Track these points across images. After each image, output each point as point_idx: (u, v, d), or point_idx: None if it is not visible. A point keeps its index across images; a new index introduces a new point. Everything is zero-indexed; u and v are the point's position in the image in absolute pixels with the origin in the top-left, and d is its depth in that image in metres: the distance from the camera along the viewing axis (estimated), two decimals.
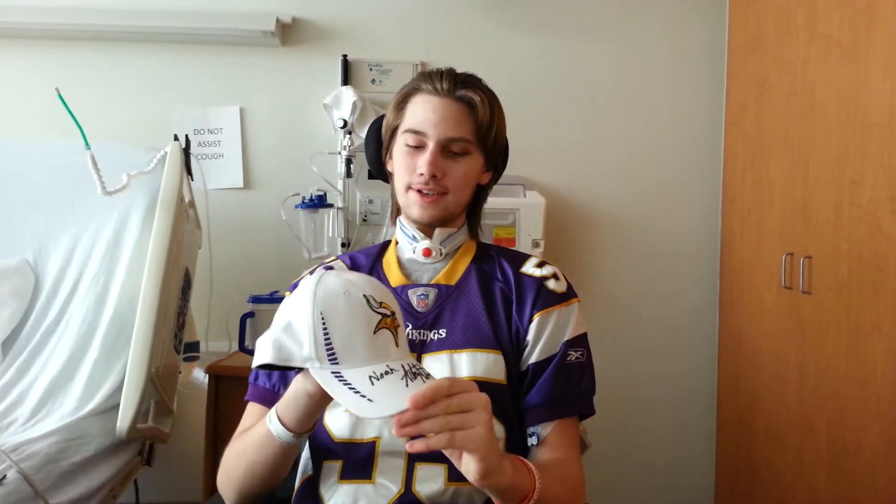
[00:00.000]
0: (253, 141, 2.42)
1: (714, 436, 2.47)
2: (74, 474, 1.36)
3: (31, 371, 1.61)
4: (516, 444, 1.04)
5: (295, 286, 0.82)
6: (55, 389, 1.56)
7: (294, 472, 1.09)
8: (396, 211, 1.18)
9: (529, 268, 1.12)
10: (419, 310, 1.09)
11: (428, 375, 0.81)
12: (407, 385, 0.78)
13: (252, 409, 1.11)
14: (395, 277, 1.13)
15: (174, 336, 1.74)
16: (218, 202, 2.26)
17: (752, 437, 2.19)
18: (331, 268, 0.82)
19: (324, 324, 0.79)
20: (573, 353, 1.06)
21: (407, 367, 0.80)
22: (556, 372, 1.04)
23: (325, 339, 0.78)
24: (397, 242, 1.17)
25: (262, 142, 2.42)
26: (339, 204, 2.34)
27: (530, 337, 1.05)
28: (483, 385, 1.00)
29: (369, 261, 1.19)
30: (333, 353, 0.79)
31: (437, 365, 1.03)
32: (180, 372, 2.07)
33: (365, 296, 0.81)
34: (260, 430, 0.95)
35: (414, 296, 1.11)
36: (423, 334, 1.06)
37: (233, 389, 1.88)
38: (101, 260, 1.78)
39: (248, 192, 2.42)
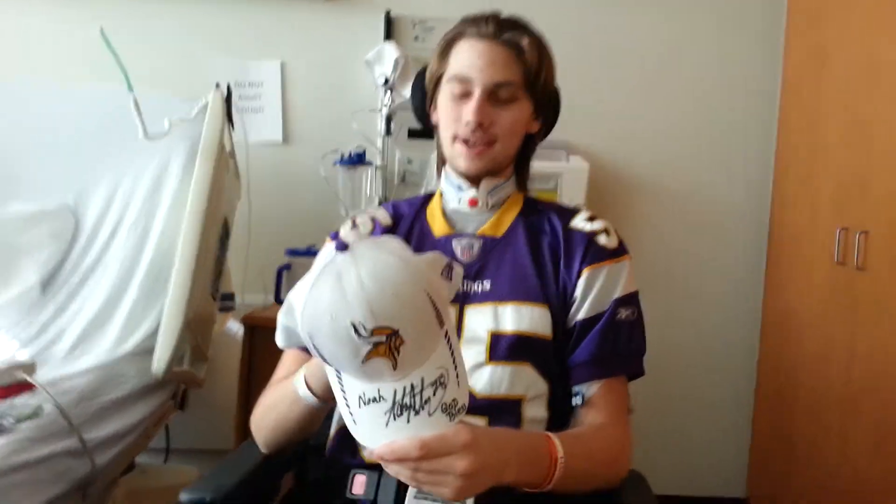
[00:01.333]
0: (293, 96, 2.39)
1: (751, 411, 2.42)
2: (109, 412, 1.36)
3: (69, 310, 1.62)
4: (559, 404, 1.01)
5: (335, 235, 0.77)
6: (93, 329, 1.56)
7: (329, 419, 1.07)
8: (441, 162, 1.14)
9: (579, 222, 1.08)
10: (463, 260, 1.05)
11: (421, 407, 0.73)
12: (387, 423, 0.73)
13: (288, 356, 1.09)
14: (438, 227, 1.10)
15: (211, 284, 1.73)
16: (257, 156, 2.23)
17: (791, 414, 2.13)
18: (345, 246, 0.73)
19: (312, 341, 0.72)
20: (623, 311, 1.01)
21: (399, 397, 0.72)
22: (604, 330, 1.00)
23: (316, 351, 0.73)
24: (442, 194, 1.13)
25: (303, 97, 2.39)
26: (378, 162, 2.30)
27: (578, 293, 1.01)
28: (528, 340, 0.98)
29: (413, 210, 1.15)
30: (326, 362, 0.75)
31: (480, 317, 1.00)
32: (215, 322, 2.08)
33: (353, 323, 0.68)
34: (289, 388, 0.94)
35: (458, 245, 1.07)
36: (467, 285, 1.02)
37: (267, 341, 1.79)
38: (141, 205, 1.77)
39: (288, 147, 2.40)
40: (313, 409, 0.94)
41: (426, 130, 1.17)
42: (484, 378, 0.95)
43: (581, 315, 1.01)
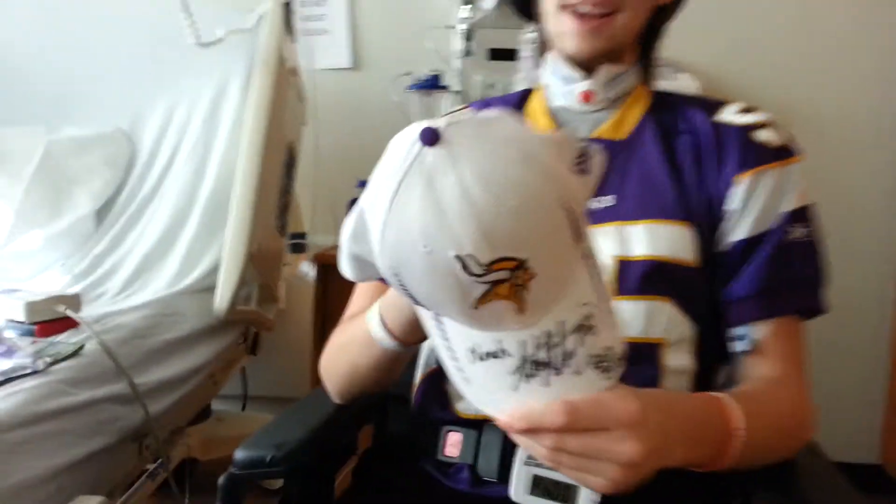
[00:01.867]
0: (361, 15, 2.16)
1: (887, 364, 2.15)
2: (165, 354, 1.21)
3: (125, 242, 1.49)
4: (708, 352, 0.79)
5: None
6: (150, 262, 1.42)
7: (414, 363, 0.89)
8: (543, 47, 0.91)
9: (730, 115, 0.83)
10: None
11: (564, 363, 0.52)
12: (516, 387, 0.53)
13: (362, 289, 0.90)
14: (542, 129, 0.87)
15: (277, 217, 1.57)
16: (323, 82, 2.04)
17: None
18: (436, 136, 0.50)
19: (398, 278, 0.53)
20: (796, 228, 0.78)
21: (530, 351, 0.52)
22: (772, 253, 0.77)
23: (404, 291, 0.54)
24: (545, 87, 0.90)
25: (371, 15, 2.16)
26: (456, 87, 2.07)
27: (734, 205, 0.78)
28: (666, 267, 0.75)
29: (509, 109, 0.93)
30: (419, 305, 0.56)
31: (603, 241, 0.78)
32: (286, 264, 1.96)
33: (459, 257, 0.48)
34: (361, 327, 0.76)
35: None
36: None
37: (341, 280, 1.70)
38: (200, 130, 1.62)
39: (356, 73, 2.19)
40: (393, 354, 0.75)
41: (510, 51, 0.93)
42: None
43: (739, 234, 0.78)
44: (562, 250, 0.53)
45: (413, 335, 0.72)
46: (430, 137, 0.50)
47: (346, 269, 0.60)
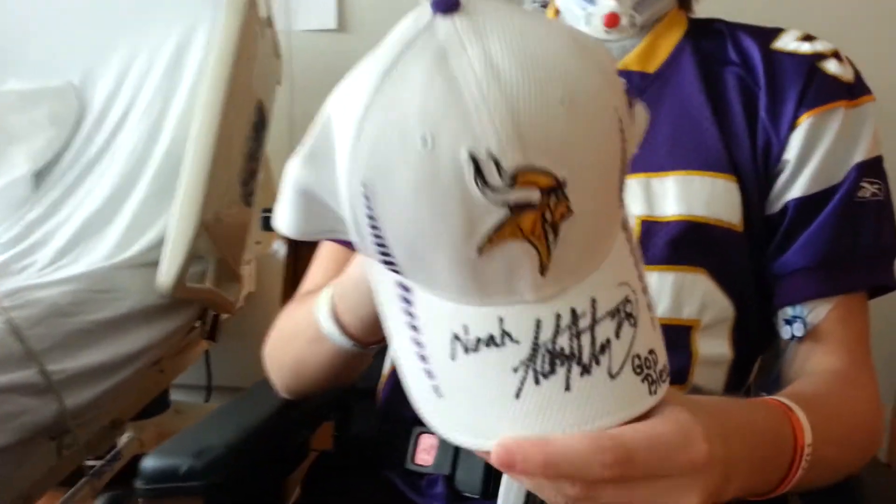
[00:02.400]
0: None
1: None
2: (94, 336, 1.01)
3: (64, 208, 1.29)
4: (750, 337, 0.64)
5: None
6: (88, 231, 1.22)
7: (383, 352, 0.71)
8: None
9: (790, 42, 0.67)
10: None
11: (594, 359, 0.36)
12: (518, 392, 0.35)
13: (325, 255, 0.73)
14: None
15: (242, 184, 1.37)
16: (305, 45, 1.85)
17: None
18: (454, 2, 0.35)
19: (367, 203, 0.36)
20: (868, 185, 0.62)
21: (546, 337, 0.36)
22: (838, 215, 0.61)
23: (372, 231, 0.36)
24: (559, 12, 0.73)
25: None
26: None
27: (793, 153, 0.62)
28: (703, 230, 0.61)
29: None
30: (389, 258, 0.38)
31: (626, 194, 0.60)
32: (258, 242, 1.77)
33: (474, 156, 0.33)
34: (309, 317, 0.58)
35: None
36: None
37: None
38: (159, 83, 1.41)
39: (341, 34, 1.99)
40: (347, 352, 0.58)
41: None
42: None
43: (798, 190, 0.62)
44: (610, 187, 0.38)
45: (374, 332, 0.54)
46: (447, 3, 0.35)
47: (285, 213, 0.41)
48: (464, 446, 0.37)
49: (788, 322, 0.61)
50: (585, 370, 0.35)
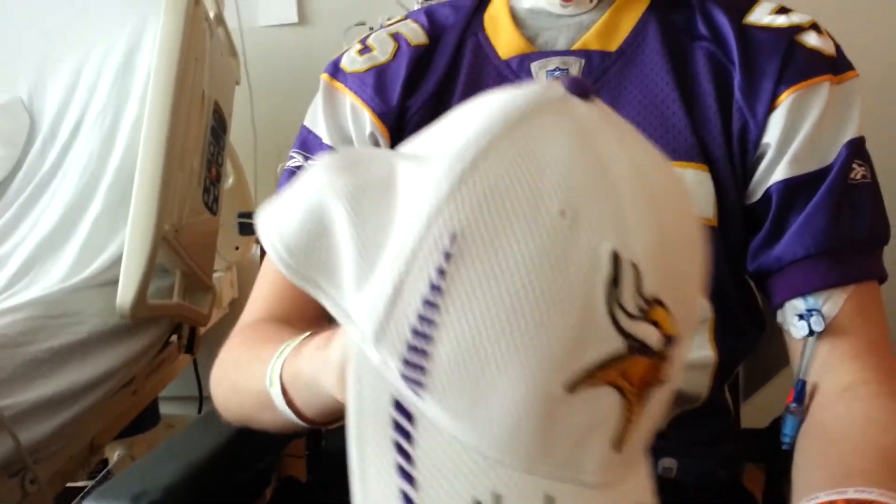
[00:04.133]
0: None
1: None
2: (49, 365, 0.95)
3: (17, 232, 1.23)
4: (730, 336, 0.59)
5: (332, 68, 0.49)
6: (42, 254, 1.16)
7: None
8: None
9: (763, 15, 0.61)
10: None
11: None
12: None
13: (268, 279, 0.67)
14: (506, 42, 0.66)
15: (205, 191, 1.31)
16: (263, 42, 1.79)
17: None
18: (586, 89, 0.29)
19: (443, 267, 0.26)
20: (857, 167, 0.57)
21: None
22: (834, 197, 0.55)
23: (424, 309, 0.27)
24: None
25: None
26: None
27: (774, 135, 0.56)
28: None
29: (461, 17, 0.70)
30: (422, 358, 0.27)
31: None
32: (237, 247, 1.71)
33: (618, 255, 0.26)
34: (261, 383, 0.49)
35: (542, 72, 0.63)
36: None
37: None
38: (109, 91, 1.35)
39: (301, 28, 1.93)
40: (299, 425, 0.49)
41: None
42: None
43: (783, 173, 0.56)
44: (685, 354, 0.30)
45: (324, 417, 0.45)
46: (580, 87, 0.29)
47: (283, 224, 0.30)
48: None
49: (802, 317, 0.55)
50: None
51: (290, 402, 0.46)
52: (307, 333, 0.47)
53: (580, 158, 0.26)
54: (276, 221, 0.30)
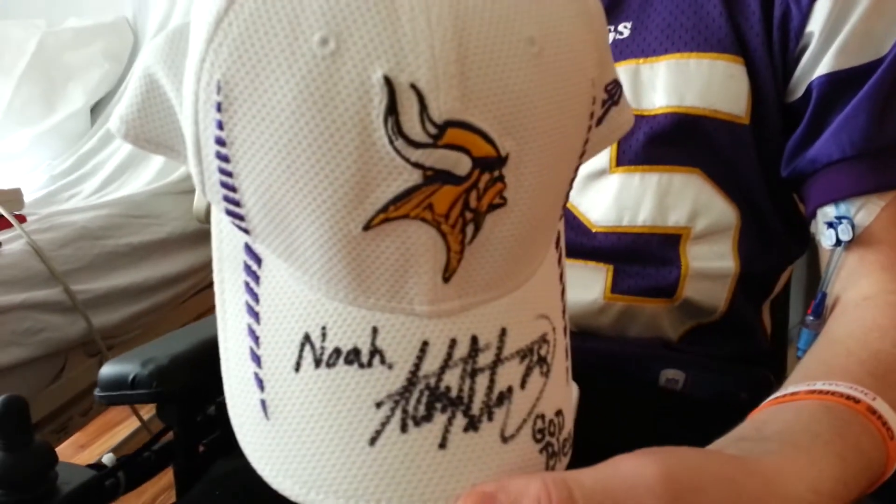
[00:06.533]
0: None
1: None
2: (126, 258, 1.02)
3: (115, 141, 1.32)
4: (759, 247, 0.53)
5: None
6: (135, 160, 1.24)
7: None
8: None
9: None
10: None
11: (487, 411, 0.26)
12: (376, 436, 0.26)
13: None
14: None
15: None
16: None
17: None
18: None
19: (220, 117, 0.25)
20: None
21: (430, 369, 0.26)
22: (881, 95, 0.47)
23: (220, 161, 0.26)
24: None
25: None
26: None
27: (819, 23, 0.48)
28: (697, 123, 0.50)
29: None
30: (238, 207, 0.27)
31: None
32: None
33: (390, 80, 0.23)
34: None
35: None
36: None
37: None
38: None
39: None
40: None
41: None
42: (608, 196, 0.53)
43: (827, 66, 0.49)
44: (561, 181, 0.29)
45: None
46: None
47: (124, 104, 0.29)
48: (283, 493, 0.27)
49: (831, 225, 0.48)
50: (472, 425, 0.26)
51: None
52: None
53: None
54: (123, 100, 0.29)
